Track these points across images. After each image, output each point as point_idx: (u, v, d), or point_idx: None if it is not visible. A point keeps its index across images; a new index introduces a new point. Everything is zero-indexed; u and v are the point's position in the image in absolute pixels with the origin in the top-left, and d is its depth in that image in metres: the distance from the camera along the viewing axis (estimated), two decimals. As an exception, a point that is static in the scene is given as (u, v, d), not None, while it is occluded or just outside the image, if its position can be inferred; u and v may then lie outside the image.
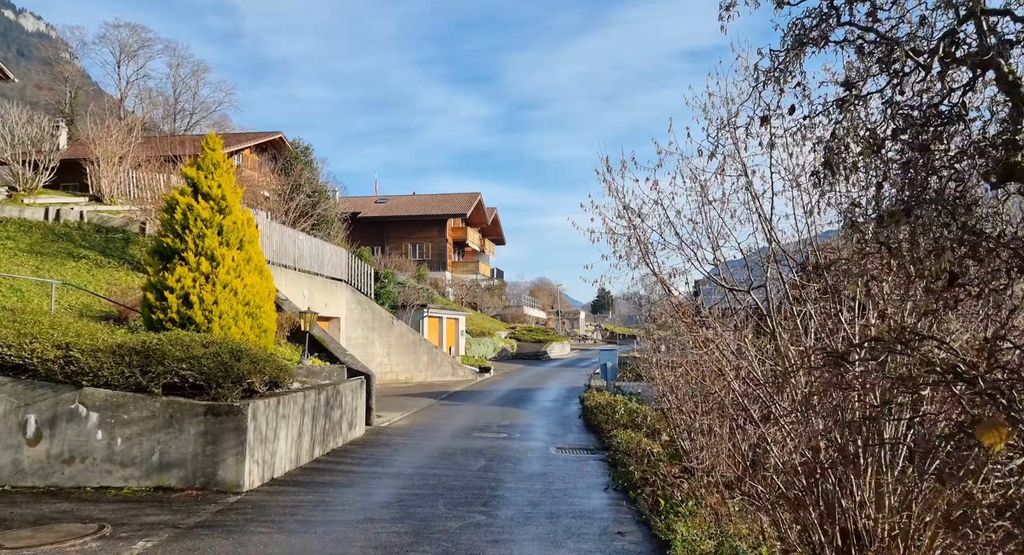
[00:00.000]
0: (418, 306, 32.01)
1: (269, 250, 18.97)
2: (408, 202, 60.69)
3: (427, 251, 57.36)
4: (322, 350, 14.72)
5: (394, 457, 10.46)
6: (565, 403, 19.03)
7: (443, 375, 26.99)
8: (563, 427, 14.32)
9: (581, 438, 12.82)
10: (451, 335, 37.25)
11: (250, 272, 10.40)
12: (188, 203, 9.99)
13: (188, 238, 9.87)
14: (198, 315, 9.61)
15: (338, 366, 14.07)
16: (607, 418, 13.34)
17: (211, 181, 10.27)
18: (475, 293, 57.31)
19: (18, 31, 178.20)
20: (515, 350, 44.59)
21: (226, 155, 27.04)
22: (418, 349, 26.74)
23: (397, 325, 26.37)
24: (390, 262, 45.46)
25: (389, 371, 26.03)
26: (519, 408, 17.71)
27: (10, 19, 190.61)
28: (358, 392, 12.53)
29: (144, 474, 7.66)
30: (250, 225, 10.60)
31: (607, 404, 14.34)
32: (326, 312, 23.17)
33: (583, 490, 8.36)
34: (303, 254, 21.42)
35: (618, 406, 13.81)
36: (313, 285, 22.05)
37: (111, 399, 7.70)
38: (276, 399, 8.66)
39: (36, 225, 15.54)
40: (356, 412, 12.34)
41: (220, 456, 7.76)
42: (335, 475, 8.99)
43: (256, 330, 10.34)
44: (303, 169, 27.64)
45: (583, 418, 15.29)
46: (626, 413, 13.29)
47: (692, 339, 7.97)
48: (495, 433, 13.21)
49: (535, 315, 66.63)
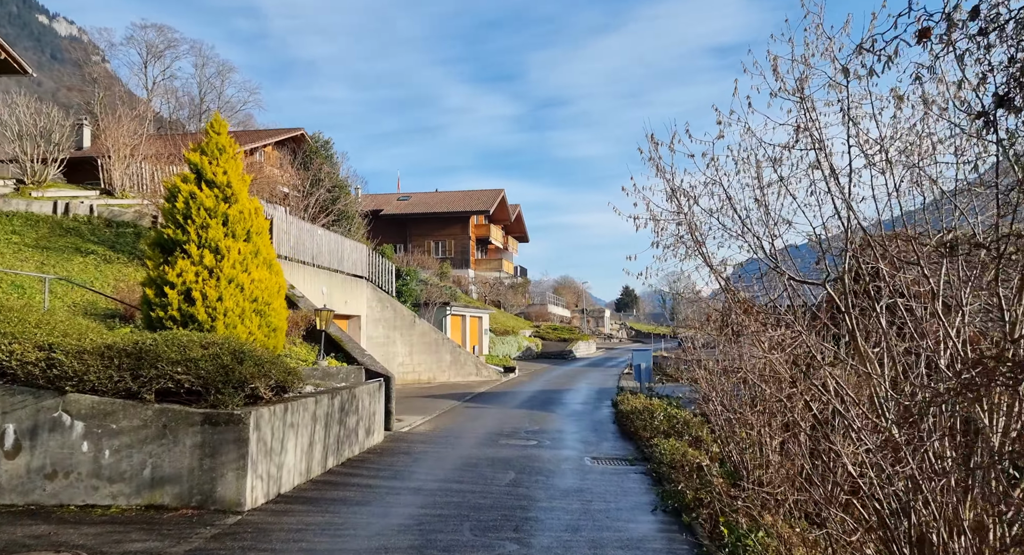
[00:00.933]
0: (440, 304, 31.17)
1: (286, 246, 18.22)
2: (431, 199, 59.99)
3: (450, 249, 56.62)
4: (339, 350, 13.89)
5: (414, 468, 9.55)
6: (596, 406, 18.02)
7: (467, 375, 26.12)
8: (596, 433, 13.32)
9: (617, 447, 11.81)
10: (474, 334, 36.39)
11: (258, 266, 9.56)
12: (191, 191, 9.17)
13: (190, 229, 9.05)
14: (201, 313, 8.79)
15: (356, 367, 13.22)
16: (644, 424, 12.32)
17: (216, 167, 9.44)
18: (498, 291, 56.44)
19: (52, 35, 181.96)
20: (540, 349, 43.61)
21: (246, 151, 26.29)
22: (441, 348, 25.89)
23: (419, 323, 25.54)
24: (412, 260, 44.72)
25: (411, 371, 25.21)
26: (547, 411, 16.74)
27: (44, 24, 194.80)
28: (376, 395, 11.66)
29: (134, 491, 6.83)
30: (258, 215, 9.76)
31: (643, 409, 13.32)
32: (346, 310, 22.42)
33: (627, 511, 7.37)
34: (321, 250, 20.65)
35: (656, 411, 12.78)
36: (332, 282, 21.29)
37: (98, 406, 6.89)
38: (283, 406, 7.79)
39: (44, 219, 14.91)
40: (374, 417, 11.47)
41: (219, 471, 6.90)
42: (349, 490, 8.10)
43: (265, 329, 9.50)
44: (322, 163, 26.91)
45: (617, 424, 14.27)
46: (665, 419, 12.25)
47: (753, 340, 6.93)
48: (523, 440, 12.25)
49: (559, 313, 65.59)
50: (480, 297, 52.69)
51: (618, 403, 15.25)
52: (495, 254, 63.57)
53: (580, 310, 74.97)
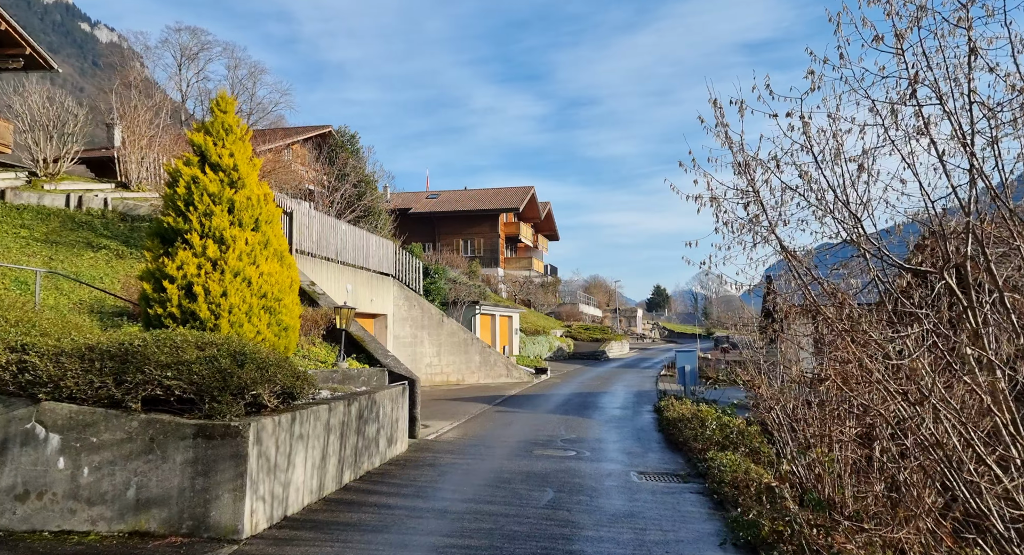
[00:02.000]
0: (469, 303, 30.22)
1: (308, 241, 17.39)
2: (459, 197, 59.17)
3: (479, 247, 55.72)
4: (361, 351, 12.96)
5: (440, 484, 8.53)
6: (636, 411, 16.84)
7: (497, 376, 25.12)
8: (640, 443, 12.17)
9: (665, 459, 10.65)
10: (504, 333, 35.38)
11: (268, 258, 8.63)
12: (193, 175, 8.27)
13: (192, 216, 8.14)
14: (203, 310, 7.87)
15: (378, 369, 12.27)
16: (695, 434, 11.14)
17: (221, 149, 8.53)
18: (528, 290, 55.38)
19: (93, 42, 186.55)
20: (571, 349, 42.45)
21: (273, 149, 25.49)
22: (470, 348, 24.92)
23: (447, 323, 24.60)
24: (441, 259, 43.88)
25: (439, 372, 24.29)
26: (584, 417, 15.63)
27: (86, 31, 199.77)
28: (399, 401, 10.68)
29: (117, 515, 5.91)
30: (268, 202, 8.83)
31: (692, 416, 12.13)
32: (372, 309, 21.57)
33: (690, 544, 6.23)
34: (346, 246, 19.81)
35: (707, 419, 11.58)
36: (357, 279, 20.44)
37: (77, 417, 5.98)
38: (291, 415, 6.82)
39: (55, 212, 14.26)
40: (397, 424, 10.48)
41: (213, 492, 5.95)
42: (366, 512, 7.10)
43: (275, 328, 8.56)
44: (348, 158, 26.12)
45: (662, 432, 13.09)
46: (718, 428, 11.06)
47: (848, 341, 5.75)
48: (561, 451, 11.16)
49: (591, 313, 64.32)
50: (510, 296, 51.69)
51: (662, 409, 14.06)
52: (525, 252, 62.52)
53: (612, 310, 73.53)
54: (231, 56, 53.32)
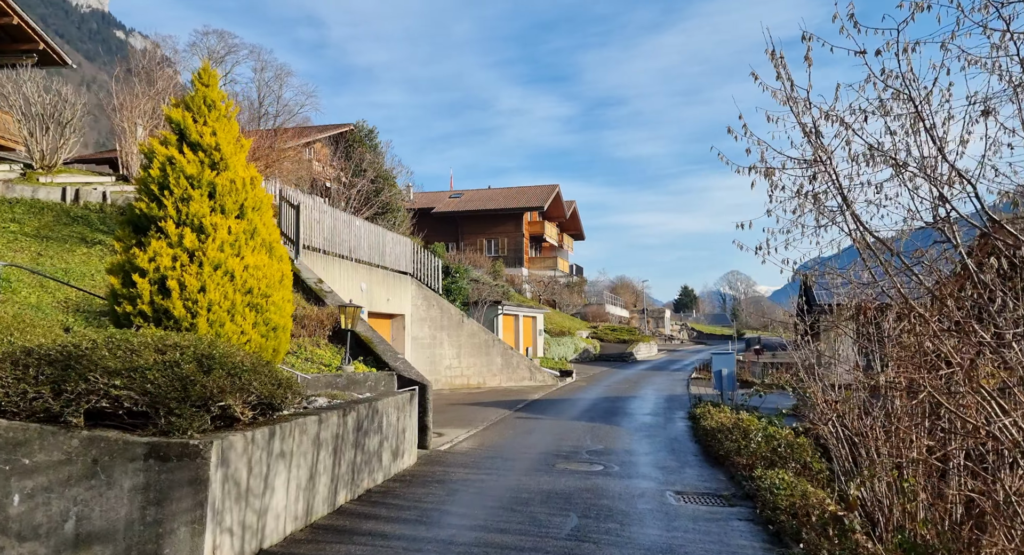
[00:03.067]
0: (491, 303, 29.18)
1: (319, 237, 16.49)
2: (483, 196, 58.22)
3: (503, 247, 54.72)
4: (369, 353, 11.96)
5: (448, 506, 7.46)
6: (668, 417, 15.62)
7: (519, 380, 24.03)
8: (674, 455, 10.98)
9: (704, 476, 9.46)
10: (528, 334, 34.28)
11: (255, 249, 7.65)
12: (169, 155, 7.31)
13: (168, 202, 7.19)
14: (177, 307, 6.91)
15: (386, 373, 11.26)
16: (737, 447, 9.94)
17: (202, 127, 7.57)
18: (553, 290, 54.23)
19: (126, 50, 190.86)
20: (598, 351, 41.20)
21: (295, 147, 24.53)
22: (491, 350, 23.87)
23: (468, 323, 23.58)
24: (464, 258, 42.97)
25: (459, 375, 23.29)
26: (612, 424, 14.46)
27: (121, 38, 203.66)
28: (407, 408, 9.64)
29: (52, 552, 4.94)
30: (256, 187, 7.85)
31: (733, 426, 10.91)
32: (388, 309, 20.63)
33: (747, 594, 5.08)
34: (361, 243, 18.89)
35: (751, 430, 10.37)
36: (372, 278, 19.51)
37: (6, 434, 5.02)
38: (269, 430, 5.81)
39: (50, 206, 13.52)
40: (404, 435, 9.45)
41: (167, 524, 4.95)
42: (357, 543, 6.06)
43: (261, 327, 7.57)
44: (365, 151, 25.23)
45: (699, 443, 11.88)
46: (764, 441, 9.85)
47: (948, 351, 4.57)
48: (586, 464, 10.04)
49: (618, 313, 62.94)
50: (534, 296, 50.59)
51: (698, 417, 12.84)
52: (550, 252, 61.36)
53: (639, 310, 72.02)
54: (257, 59, 53.15)
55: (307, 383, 10.20)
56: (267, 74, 48.95)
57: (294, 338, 11.76)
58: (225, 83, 51.77)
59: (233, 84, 49.88)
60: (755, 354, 41.08)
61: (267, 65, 49.68)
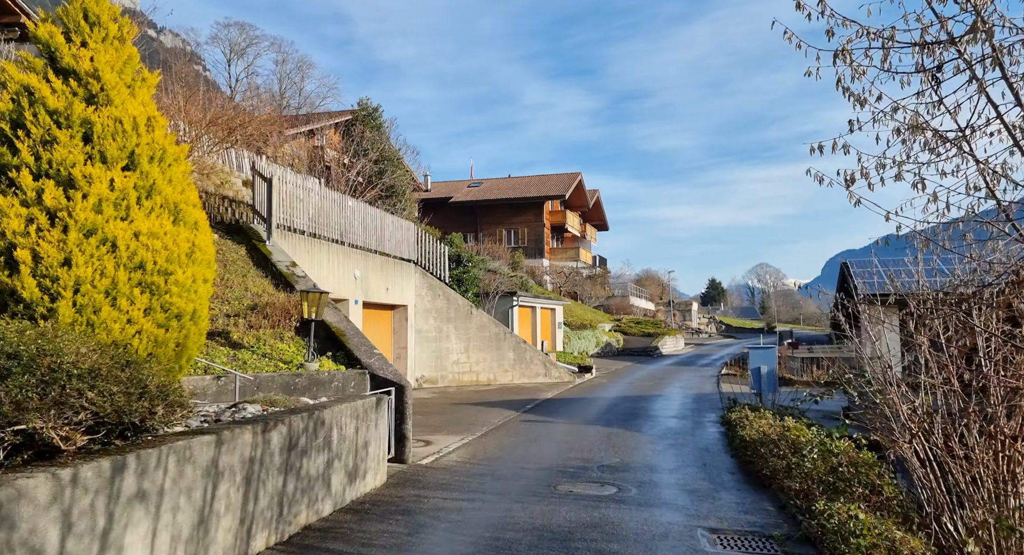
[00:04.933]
0: (504, 294, 27.26)
1: (302, 216, 14.70)
2: (503, 185, 56.25)
3: (523, 237, 52.75)
4: (340, 347, 10.12)
5: (408, 551, 5.57)
6: (696, 422, 13.58)
7: (533, 376, 22.10)
8: (706, 473, 8.96)
9: (746, 504, 7.44)
10: (546, 328, 32.32)
11: (152, 212, 5.81)
12: (26, 83, 5.49)
13: (22, 145, 5.37)
14: (28, 286, 5.09)
15: (357, 372, 9.41)
16: (787, 466, 7.89)
17: (79, 49, 5.74)
18: (575, 282, 52.14)
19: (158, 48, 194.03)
20: (621, 345, 39.08)
21: (306, 133, 22.67)
22: (502, 344, 21.96)
23: (476, 315, 21.70)
24: (483, 249, 41.13)
25: (467, 371, 21.44)
26: (632, 430, 12.47)
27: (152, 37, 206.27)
28: (371, 417, 7.76)
29: None
30: (156, 130, 6.00)
31: (779, 436, 8.86)
32: (388, 299, 18.82)
33: None
34: (354, 225, 17.09)
35: (801, 442, 8.31)
36: (369, 265, 17.71)
37: None
38: (113, 462, 3.95)
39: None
40: (367, 450, 7.58)
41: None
42: (249, 622, 4.19)
43: (158, 315, 5.73)
44: (364, 129, 23.40)
45: (736, 457, 9.83)
46: (820, 457, 7.79)
47: None
48: (596, 485, 8.08)
49: (643, 306, 60.66)
50: (555, 288, 48.58)
51: (734, 424, 10.78)
52: (572, 242, 59.24)
53: (665, 303, 69.59)
54: (279, 50, 52.12)
55: (254, 385, 8.39)
56: (289, 66, 47.63)
57: (253, 329, 9.98)
58: (247, 76, 50.56)
59: (255, 76, 48.64)
60: (790, 348, 38.67)
61: (288, 57, 48.42)
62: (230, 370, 8.08)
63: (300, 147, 25.06)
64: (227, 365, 8.77)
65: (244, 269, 11.66)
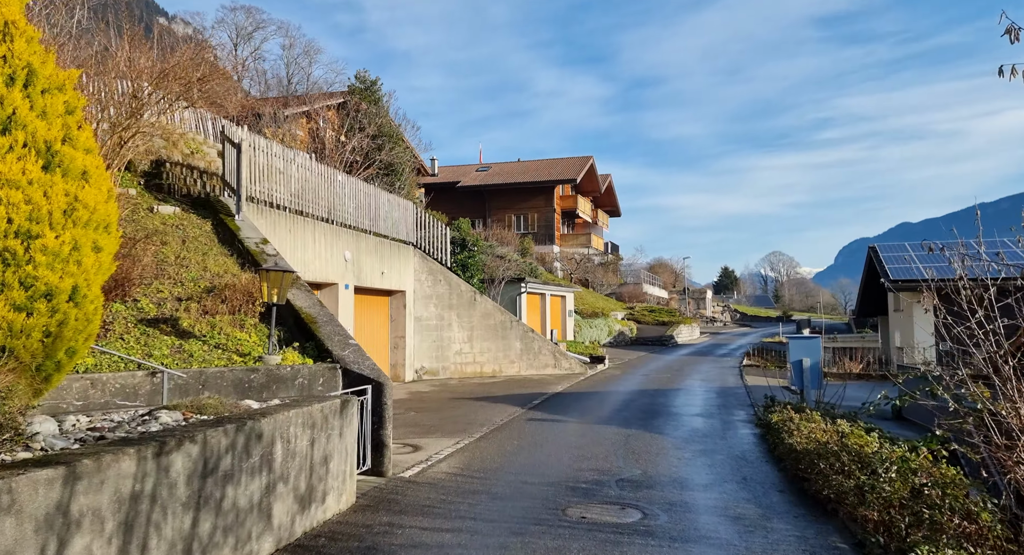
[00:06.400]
0: (512, 280, 25.66)
1: (284, 191, 13.14)
2: (512, 169, 54.52)
3: (533, 222, 51.09)
4: (310, 337, 8.57)
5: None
6: (725, 421, 11.96)
7: (541, 367, 20.54)
8: (749, 490, 7.35)
9: (810, 539, 5.79)
10: (556, 316, 30.74)
11: (10, 152, 4.23)
12: None
13: None
14: None
15: (327, 366, 7.85)
16: (857, 486, 6.26)
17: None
18: (586, 269, 50.49)
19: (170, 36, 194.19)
20: (634, 334, 37.44)
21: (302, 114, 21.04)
22: (509, 333, 20.39)
23: (481, 302, 20.13)
24: (492, 235, 39.55)
25: (471, 362, 19.89)
26: (652, 431, 10.88)
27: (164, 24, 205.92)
28: (333, 425, 6.20)
29: None
30: (14, 40, 4.40)
31: (838, 447, 7.23)
32: (383, 284, 17.28)
33: None
34: (344, 202, 15.53)
35: (868, 454, 6.70)
36: (361, 246, 16.18)
37: None
38: None
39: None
40: (329, 466, 6.03)
41: None
42: None
43: (15, 293, 4.15)
44: (360, 102, 21.76)
45: (781, 468, 8.18)
46: (899, 477, 6.17)
47: None
48: (614, 510, 6.50)
49: (656, 294, 58.93)
50: (566, 275, 46.95)
51: (775, 427, 9.14)
52: (583, 229, 57.48)
53: (679, 291, 67.80)
54: (286, 35, 50.67)
55: (198, 382, 6.85)
56: (296, 51, 46.11)
57: (208, 315, 8.44)
58: (253, 60, 49.07)
59: (261, 61, 47.16)
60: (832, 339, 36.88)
61: (296, 42, 46.88)
62: (156, 366, 6.53)
63: (301, 129, 23.54)
64: (167, 358, 7.23)
65: (206, 246, 10.12)
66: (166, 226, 10.22)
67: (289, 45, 48.22)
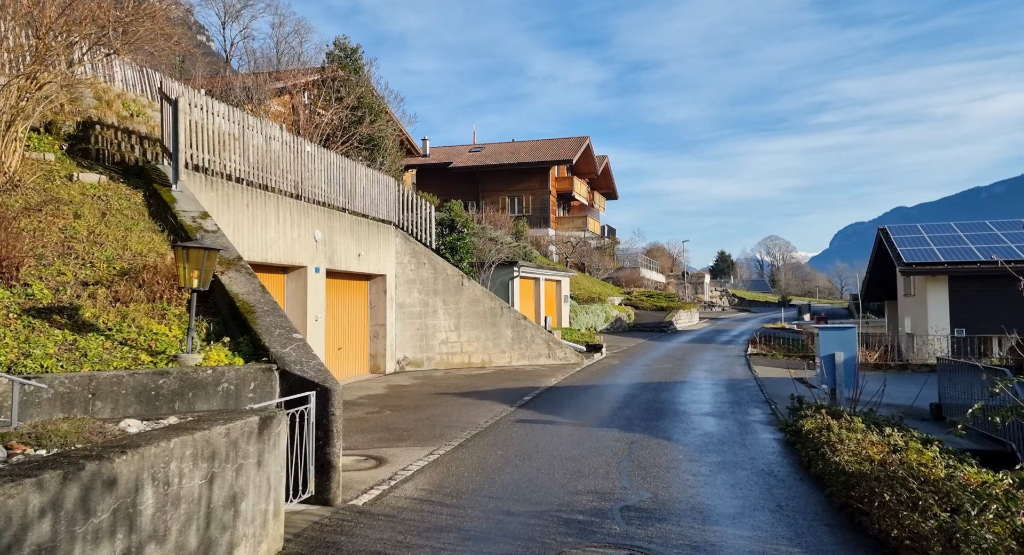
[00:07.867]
0: (503, 263, 24.07)
1: (241, 161, 11.50)
2: (506, 150, 52.71)
3: (527, 205, 49.41)
4: (247, 329, 6.99)
5: None
6: (741, 422, 10.47)
7: (535, 357, 19.02)
8: (787, 523, 5.83)
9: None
10: (551, 302, 29.20)
11: None
12: None
13: None
14: None
15: (262, 368, 6.29)
16: (942, 529, 4.75)
17: None
18: (582, 252, 48.93)
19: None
20: (632, 320, 35.97)
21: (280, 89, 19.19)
22: (499, 320, 18.85)
23: (468, 287, 18.56)
24: (485, 218, 37.91)
25: (458, 352, 18.36)
26: (659, 436, 9.37)
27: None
28: (250, 450, 4.65)
29: None
30: None
31: (906, 470, 5.72)
32: (360, 267, 15.70)
33: None
34: (315, 177, 13.90)
35: (939, 477, 5.20)
36: (335, 225, 14.59)
37: None
38: None
39: None
40: (239, 508, 4.48)
41: None
42: None
43: None
44: (337, 68, 20.01)
45: (819, 487, 6.66)
46: (998, 518, 4.67)
47: None
48: (622, 552, 5.00)
49: (654, 278, 57.44)
50: (561, 259, 45.39)
51: (809, 437, 7.62)
52: (579, 211, 55.85)
53: (677, 275, 66.35)
54: (275, 12, 48.82)
55: (87, 390, 5.28)
56: (286, 29, 44.18)
57: (120, 303, 6.86)
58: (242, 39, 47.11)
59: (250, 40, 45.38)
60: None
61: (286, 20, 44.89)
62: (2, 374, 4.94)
63: (284, 105, 21.81)
64: (49, 359, 5.65)
65: (131, 221, 8.51)
66: (85, 196, 8.59)
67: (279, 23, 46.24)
